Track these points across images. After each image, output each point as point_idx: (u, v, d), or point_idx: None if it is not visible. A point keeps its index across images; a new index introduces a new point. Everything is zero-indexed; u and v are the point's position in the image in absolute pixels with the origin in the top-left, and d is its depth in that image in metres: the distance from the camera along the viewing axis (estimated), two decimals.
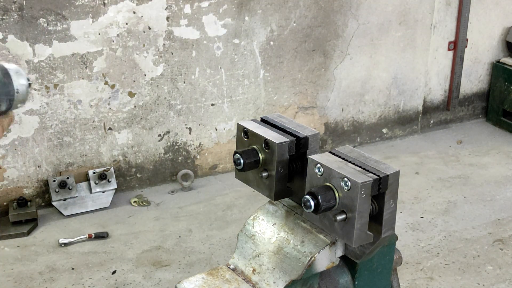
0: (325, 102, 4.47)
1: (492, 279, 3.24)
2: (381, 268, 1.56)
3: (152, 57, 3.82)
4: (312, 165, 1.41)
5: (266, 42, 4.12)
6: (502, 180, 4.24)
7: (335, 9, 4.28)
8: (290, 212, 1.56)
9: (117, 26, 3.68)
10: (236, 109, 4.16)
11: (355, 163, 1.40)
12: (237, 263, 1.57)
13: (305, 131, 1.53)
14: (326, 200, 1.35)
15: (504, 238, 3.59)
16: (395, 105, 4.76)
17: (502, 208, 3.89)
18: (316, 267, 1.47)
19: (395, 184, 1.38)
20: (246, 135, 1.55)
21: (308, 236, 1.49)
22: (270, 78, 4.21)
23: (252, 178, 1.57)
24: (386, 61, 4.59)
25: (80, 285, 3.14)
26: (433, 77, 4.87)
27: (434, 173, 4.32)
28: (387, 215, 1.39)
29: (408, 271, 3.25)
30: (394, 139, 4.83)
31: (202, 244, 3.47)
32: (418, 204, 3.93)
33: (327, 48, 4.34)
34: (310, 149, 1.51)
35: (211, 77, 4.02)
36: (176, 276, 3.22)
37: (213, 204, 3.89)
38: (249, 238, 1.57)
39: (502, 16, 4.98)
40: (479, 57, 5.03)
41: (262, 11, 4.04)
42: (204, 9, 3.87)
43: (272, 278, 1.48)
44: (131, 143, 3.93)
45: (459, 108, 5.10)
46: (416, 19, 4.59)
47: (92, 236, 3.50)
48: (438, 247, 3.49)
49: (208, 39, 3.94)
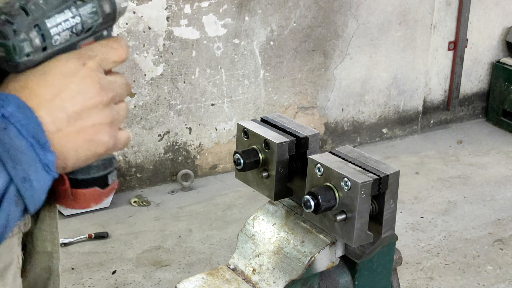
0: (325, 102, 4.47)
1: (492, 279, 3.24)
2: (381, 268, 1.56)
3: (152, 57, 3.82)
4: (312, 165, 1.41)
5: (266, 42, 4.12)
6: (502, 180, 4.24)
7: (335, 9, 4.28)
8: (290, 212, 1.56)
9: (117, 26, 3.68)
10: (236, 109, 4.16)
11: (355, 163, 1.40)
12: (237, 263, 1.57)
13: (305, 131, 1.53)
14: (326, 200, 1.35)
15: (504, 238, 3.59)
16: (395, 105, 4.76)
17: (502, 208, 3.89)
18: (316, 267, 1.47)
19: (395, 184, 1.38)
20: (246, 135, 1.55)
21: (308, 236, 1.49)
22: (270, 78, 4.21)
23: (252, 178, 1.57)
24: (386, 61, 4.59)
25: (80, 285, 3.14)
26: (433, 77, 4.87)
27: (434, 173, 4.32)
28: (387, 215, 1.39)
29: (408, 271, 3.25)
30: (394, 139, 4.83)
31: (202, 244, 3.47)
32: (418, 204, 3.93)
33: (327, 48, 4.34)
34: (310, 149, 1.51)
35: (211, 77, 4.02)
36: (176, 276, 3.21)
37: (213, 204, 3.89)
38: (249, 238, 1.57)
39: (502, 16, 4.98)
40: (479, 57, 5.03)
41: (262, 11, 4.04)
42: (204, 9, 3.87)
43: (272, 278, 1.48)
44: (131, 143, 3.93)
45: (459, 108, 5.10)
46: (416, 19, 4.59)
47: (92, 236, 3.50)
48: (438, 247, 3.49)
49: (208, 39, 3.94)
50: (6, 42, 0.79)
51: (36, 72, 0.83)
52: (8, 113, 0.77)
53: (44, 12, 0.82)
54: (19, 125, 0.77)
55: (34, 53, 0.81)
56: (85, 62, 0.85)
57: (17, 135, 0.77)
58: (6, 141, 0.76)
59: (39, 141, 0.79)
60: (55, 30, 0.83)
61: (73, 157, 0.84)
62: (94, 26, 0.88)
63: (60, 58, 0.84)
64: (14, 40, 0.79)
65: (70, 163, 0.84)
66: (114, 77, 0.91)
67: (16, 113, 0.78)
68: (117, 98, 0.89)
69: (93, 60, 0.86)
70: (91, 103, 0.84)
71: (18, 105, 0.79)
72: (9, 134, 0.77)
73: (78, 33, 0.86)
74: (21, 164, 0.77)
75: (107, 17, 0.89)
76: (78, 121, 0.83)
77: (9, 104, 0.78)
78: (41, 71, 0.83)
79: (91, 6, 0.86)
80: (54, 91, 0.82)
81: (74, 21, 0.85)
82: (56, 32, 0.83)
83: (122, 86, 0.91)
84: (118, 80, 0.91)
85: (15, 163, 0.77)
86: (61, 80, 0.83)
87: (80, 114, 0.83)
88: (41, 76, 0.82)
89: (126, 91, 0.92)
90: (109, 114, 0.86)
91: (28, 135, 0.78)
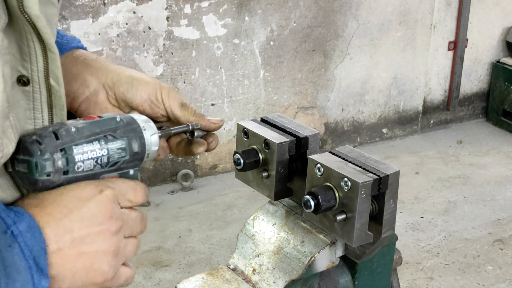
0: (325, 102, 4.47)
1: (492, 279, 3.24)
2: (381, 268, 1.56)
3: (152, 57, 3.82)
4: (312, 165, 1.40)
5: (266, 42, 4.12)
6: (502, 180, 4.24)
7: (335, 9, 4.28)
8: (290, 212, 1.56)
9: (117, 26, 3.68)
10: (236, 109, 4.16)
11: (355, 163, 1.40)
12: (237, 263, 1.57)
13: (305, 131, 1.52)
14: (326, 200, 1.35)
15: (504, 238, 3.59)
16: (395, 105, 4.76)
17: (502, 208, 3.89)
18: (316, 267, 1.47)
19: (395, 184, 1.38)
20: (246, 135, 1.55)
21: (308, 236, 1.49)
22: (270, 78, 4.21)
23: (252, 178, 1.56)
24: (386, 61, 4.59)
25: None
26: (433, 77, 4.87)
27: (434, 173, 4.32)
28: (387, 215, 1.39)
29: (408, 271, 3.25)
30: (394, 139, 4.83)
31: (202, 244, 3.47)
32: (418, 204, 3.93)
33: (327, 48, 4.34)
34: (310, 149, 1.51)
35: (211, 77, 4.02)
36: (176, 276, 3.21)
37: (213, 204, 3.89)
38: (249, 238, 1.57)
39: (502, 16, 4.98)
40: (479, 57, 5.03)
41: (262, 11, 4.04)
42: (204, 9, 3.87)
43: (272, 278, 1.48)
44: None
45: (459, 108, 5.10)
46: (416, 19, 4.59)
47: None
48: (438, 247, 3.49)
49: (208, 39, 3.94)
50: (30, 159, 0.84)
51: (53, 192, 0.86)
52: (18, 231, 0.79)
53: (73, 139, 0.86)
54: (24, 245, 0.79)
55: (54, 174, 0.85)
56: (102, 190, 0.88)
57: (19, 254, 0.79)
58: (7, 258, 0.78)
59: (38, 264, 0.80)
60: (80, 157, 0.87)
61: (69, 281, 0.84)
62: (120, 161, 0.92)
63: (80, 184, 0.87)
64: (37, 158, 0.84)
65: (64, 286, 0.85)
66: (129, 211, 0.93)
67: (25, 233, 0.80)
68: (127, 231, 0.90)
69: (110, 190, 0.89)
70: (98, 229, 0.85)
71: (29, 225, 0.81)
72: (12, 252, 0.79)
73: (103, 165, 0.90)
74: (15, 283, 0.79)
75: (135, 156, 0.94)
76: (82, 245, 0.84)
77: (21, 222, 0.80)
78: (59, 192, 0.86)
79: (120, 143, 0.91)
80: (65, 211, 0.84)
81: (100, 153, 0.89)
82: (81, 159, 0.87)
83: (136, 221, 0.93)
84: (132, 214, 0.93)
85: (9, 281, 0.78)
86: (74, 202, 0.85)
87: (84, 238, 0.84)
88: (57, 196, 0.85)
89: (140, 227, 0.94)
90: (115, 244, 0.87)
91: (29, 256, 0.80)
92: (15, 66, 0.87)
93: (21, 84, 0.87)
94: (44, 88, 0.89)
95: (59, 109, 0.93)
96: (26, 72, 0.87)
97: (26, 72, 0.87)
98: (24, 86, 0.87)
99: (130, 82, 1.09)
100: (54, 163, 0.84)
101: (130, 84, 1.09)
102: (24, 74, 0.87)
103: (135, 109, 1.09)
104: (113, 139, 0.90)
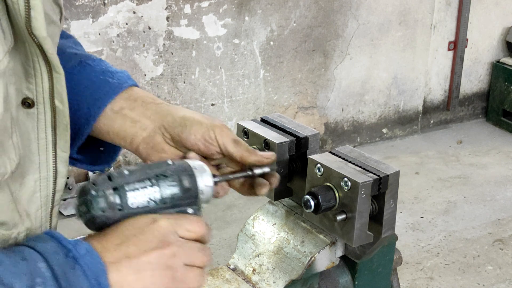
0: (325, 102, 4.47)
1: (492, 279, 3.24)
2: (381, 268, 1.56)
3: (152, 57, 3.82)
4: (312, 165, 1.41)
5: (266, 42, 4.12)
6: (502, 180, 4.24)
7: (335, 9, 4.28)
8: (290, 212, 1.56)
9: (117, 26, 3.68)
10: (236, 109, 4.16)
11: (355, 163, 1.40)
12: (237, 263, 1.57)
13: (305, 131, 1.52)
14: (326, 200, 1.35)
15: (504, 238, 3.59)
16: (395, 105, 4.76)
17: (502, 208, 3.89)
18: (316, 267, 1.47)
19: (395, 184, 1.38)
20: (246, 135, 1.54)
21: (308, 236, 1.49)
22: (270, 78, 4.21)
23: None
24: (386, 61, 4.59)
25: None
26: (433, 77, 4.87)
27: (434, 173, 4.32)
28: (387, 215, 1.39)
29: (408, 271, 3.25)
30: (394, 139, 4.83)
31: None
32: (418, 204, 3.93)
33: (327, 48, 4.34)
34: (310, 149, 1.51)
35: (211, 77, 4.02)
36: None
37: (213, 204, 3.87)
38: (249, 238, 1.57)
39: (502, 16, 4.98)
40: (479, 57, 5.03)
41: (262, 11, 4.04)
42: (204, 9, 3.87)
43: (272, 278, 1.48)
44: None
45: (459, 108, 5.10)
46: (416, 19, 4.59)
47: None
48: (438, 247, 3.49)
49: (208, 39, 3.94)
50: (86, 197, 0.92)
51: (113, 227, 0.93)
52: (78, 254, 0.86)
53: (126, 179, 0.94)
54: (86, 267, 0.86)
55: (109, 210, 0.92)
56: (157, 219, 0.93)
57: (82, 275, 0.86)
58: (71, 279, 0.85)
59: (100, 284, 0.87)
60: (132, 194, 0.93)
61: None
62: (174, 198, 0.97)
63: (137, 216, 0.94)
64: (91, 195, 0.92)
65: None
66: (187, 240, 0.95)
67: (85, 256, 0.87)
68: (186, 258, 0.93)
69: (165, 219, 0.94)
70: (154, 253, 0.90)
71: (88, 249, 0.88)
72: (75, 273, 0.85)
73: (157, 202, 0.95)
74: None
75: (187, 192, 0.98)
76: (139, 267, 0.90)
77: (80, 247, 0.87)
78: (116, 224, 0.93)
79: (170, 179, 0.96)
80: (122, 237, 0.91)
81: (152, 190, 0.95)
82: (133, 195, 0.93)
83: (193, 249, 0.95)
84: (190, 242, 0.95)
85: None
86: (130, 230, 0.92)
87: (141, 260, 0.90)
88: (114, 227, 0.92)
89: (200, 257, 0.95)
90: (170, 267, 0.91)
91: (91, 276, 0.86)
92: (20, 88, 0.89)
93: (26, 106, 0.90)
94: (49, 109, 0.93)
95: (62, 129, 0.96)
96: (31, 94, 0.90)
97: (31, 94, 0.90)
98: (29, 108, 0.91)
99: (183, 123, 1.12)
100: (107, 199, 0.92)
101: (183, 125, 1.12)
102: (29, 96, 0.90)
103: (190, 148, 1.12)
104: (164, 178, 0.96)
